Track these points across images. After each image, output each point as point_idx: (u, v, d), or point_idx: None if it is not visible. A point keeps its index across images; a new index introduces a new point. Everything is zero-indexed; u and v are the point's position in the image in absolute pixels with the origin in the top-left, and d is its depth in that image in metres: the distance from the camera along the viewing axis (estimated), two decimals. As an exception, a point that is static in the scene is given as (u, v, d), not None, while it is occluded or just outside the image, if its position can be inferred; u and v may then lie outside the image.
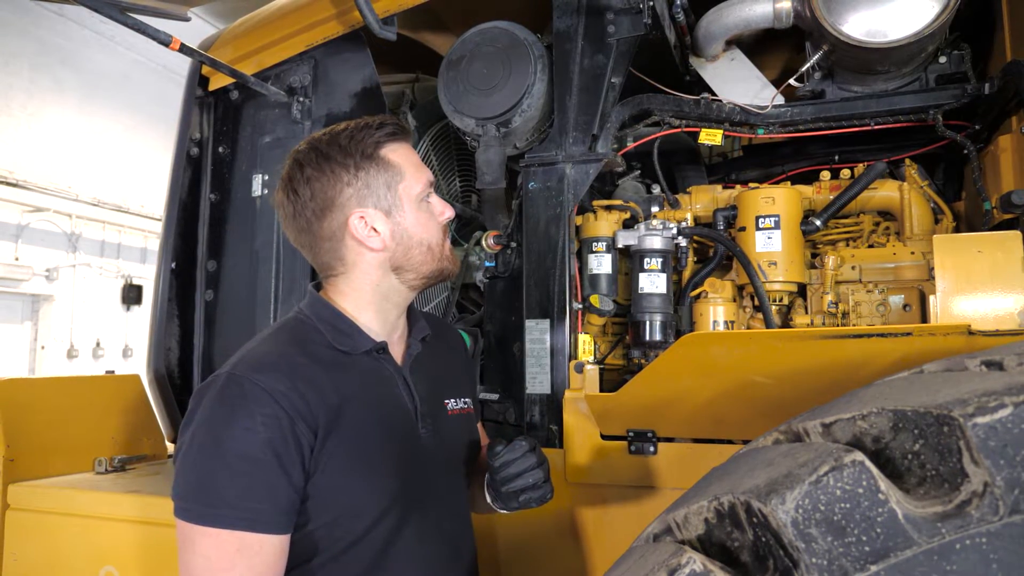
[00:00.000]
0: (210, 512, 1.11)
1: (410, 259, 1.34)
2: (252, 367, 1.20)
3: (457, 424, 1.47)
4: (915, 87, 2.07)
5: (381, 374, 1.35)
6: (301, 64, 2.29)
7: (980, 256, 1.61)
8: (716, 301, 2.02)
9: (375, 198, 1.30)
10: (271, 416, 1.15)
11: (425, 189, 1.36)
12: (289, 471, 1.15)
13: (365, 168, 1.30)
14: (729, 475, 1.06)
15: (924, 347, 1.32)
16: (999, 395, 0.85)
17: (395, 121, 1.36)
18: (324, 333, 1.30)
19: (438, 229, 1.38)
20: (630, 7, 1.92)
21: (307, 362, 1.25)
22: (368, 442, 1.26)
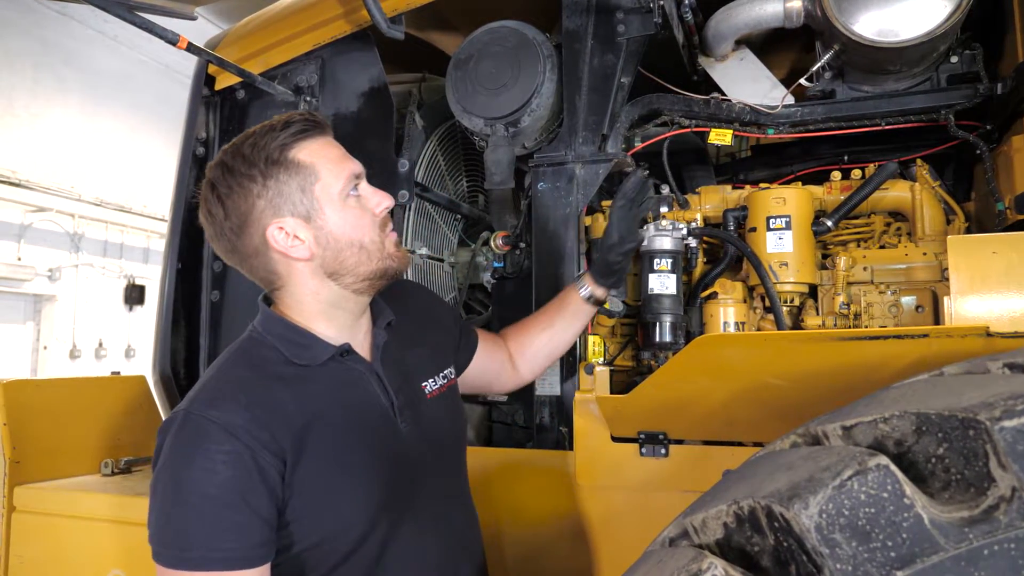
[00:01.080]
0: (183, 555, 1.10)
1: (344, 263, 1.26)
2: (206, 403, 1.16)
3: (439, 406, 1.43)
4: (926, 87, 2.05)
5: (350, 377, 1.30)
6: (308, 63, 2.28)
7: (995, 257, 1.59)
8: (727, 302, 2.01)
9: (291, 205, 1.22)
10: (230, 453, 1.11)
11: (348, 184, 1.25)
12: (256, 506, 1.12)
13: (273, 175, 1.21)
14: (748, 479, 1.05)
15: (941, 349, 1.31)
16: (1026, 398, 0.84)
17: (303, 117, 1.26)
18: (280, 349, 1.25)
19: (372, 225, 1.28)
20: (640, 6, 1.91)
21: (266, 385, 1.20)
22: (344, 454, 1.22)
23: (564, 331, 1.71)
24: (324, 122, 1.30)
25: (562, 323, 1.71)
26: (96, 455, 2.13)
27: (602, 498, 1.81)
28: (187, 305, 2.37)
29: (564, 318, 1.71)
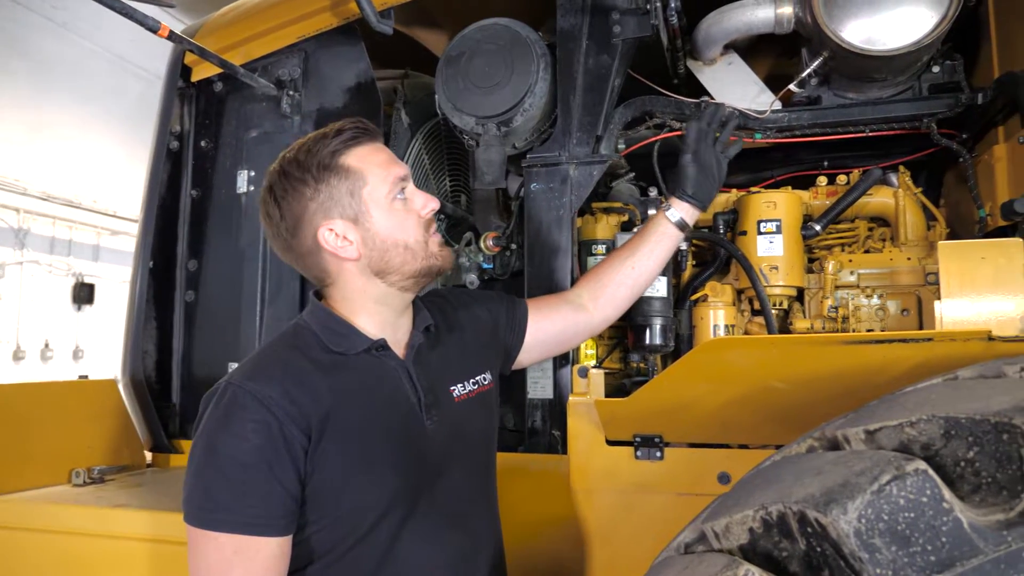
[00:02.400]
0: (208, 516, 1.16)
1: (389, 262, 1.33)
2: (246, 375, 1.24)
3: (467, 409, 1.45)
4: (908, 95, 2.09)
5: (383, 371, 1.35)
6: (291, 56, 2.22)
7: (984, 262, 1.63)
8: (717, 305, 2.02)
9: (340, 208, 1.30)
10: (261, 422, 1.18)
11: (394, 187, 1.33)
12: (281, 475, 1.18)
13: (324, 179, 1.30)
14: (773, 483, 1.05)
15: (943, 353, 1.32)
16: (1060, 402, 0.85)
17: (355, 125, 1.34)
18: (320, 336, 1.33)
19: (417, 226, 1.35)
20: (637, 7, 1.91)
21: (302, 366, 1.28)
22: (366, 439, 1.27)
23: (647, 258, 1.66)
24: (373, 129, 1.36)
25: (645, 249, 1.66)
26: (65, 464, 2.03)
27: (597, 502, 1.80)
28: (159, 305, 2.29)
29: (647, 244, 1.66)
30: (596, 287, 1.66)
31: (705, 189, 1.65)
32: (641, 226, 1.71)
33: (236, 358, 2.18)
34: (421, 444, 1.33)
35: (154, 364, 2.27)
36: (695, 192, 1.64)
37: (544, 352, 1.69)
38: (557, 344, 1.69)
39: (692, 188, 1.64)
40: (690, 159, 1.65)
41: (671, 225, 1.65)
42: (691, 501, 1.75)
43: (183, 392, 2.25)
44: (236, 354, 2.18)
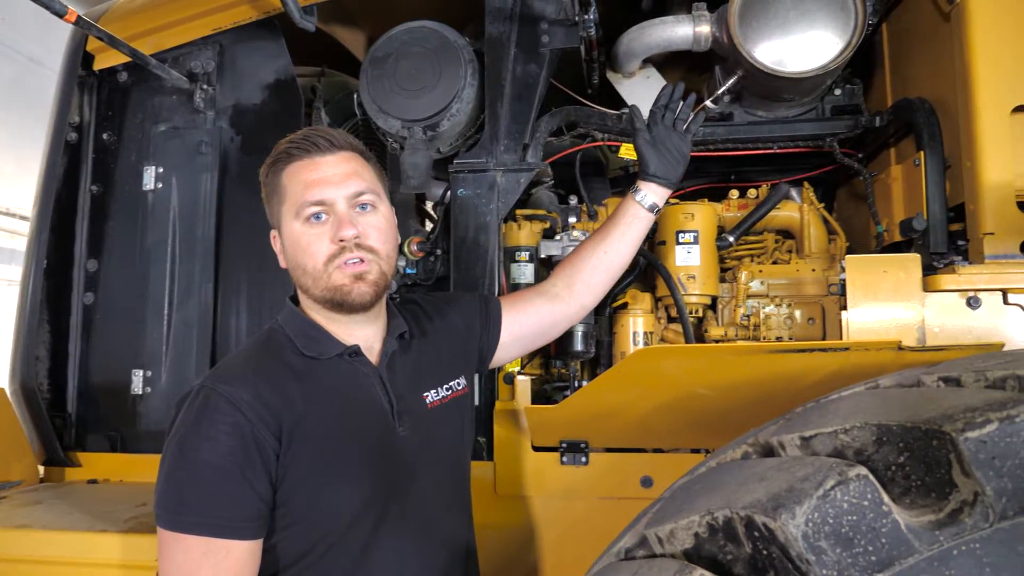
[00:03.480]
0: (178, 519, 1.15)
1: (298, 280, 1.34)
2: (219, 378, 1.24)
3: (440, 416, 1.44)
4: (813, 116, 2.22)
5: (355, 377, 1.35)
6: (205, 48, 2.11)
7: (885, 275, 1.75)
8: (636, 312, 2.07)
9: (274, 218, 1.36)
10: (233, 425, 1.18)
11: (304, 209, 1.29)
12: (253, 479, 1.18)
13: (268, 188, 1.36)
14: (717, 489, 1.08)
15: (858, 361, 1.41)
16: (982, 411, 0.92)
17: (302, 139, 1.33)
18: (294, 340, 1.33)
19: (324, 253, 1.29)
20: (565, 19, 1.93)
21: (275, 369, 1.28)
22: (338, 444, 1.27)
23: (619, 241, 1.65)
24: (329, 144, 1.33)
25: (617, 233, 1.65)
26: (-54, 480, 1.86)
27: (523, 507, 1.82)
28: (53, 308, 2.13)
29: (619, 228, 1.65)
30: (571, 275, 1.65)
31: (669, 167, 1.65)
32: (614, 210, 1.70)
33: (141, 364, 2.05)
34: (393, 451, 1.32)
35: (47, 371, 2.11)
36: (657, 171, 1.64)
37: (524, 347, 1.68)
38: (535, 337, 1.68)
39: (654, 167, 1.64)
40: (643, 140, 1.65)
41: (641, 207, 1.64)
42: (615, 505, 1.79)
43: (80, 401, 2.10)
44: (141, 360, 2.06)
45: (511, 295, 1.69)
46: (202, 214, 2.06)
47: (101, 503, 1.84)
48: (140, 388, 2.04)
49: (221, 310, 2.05)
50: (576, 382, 2.08)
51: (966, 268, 1.69)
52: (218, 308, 2.05)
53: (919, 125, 1.86)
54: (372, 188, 1.34)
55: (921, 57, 2.01)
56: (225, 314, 2.05)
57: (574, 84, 2.35)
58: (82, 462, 2.08)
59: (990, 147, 1.69)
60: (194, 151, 2.07)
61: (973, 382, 1.09)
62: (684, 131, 1.68)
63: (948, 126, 1.85)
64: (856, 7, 1.96)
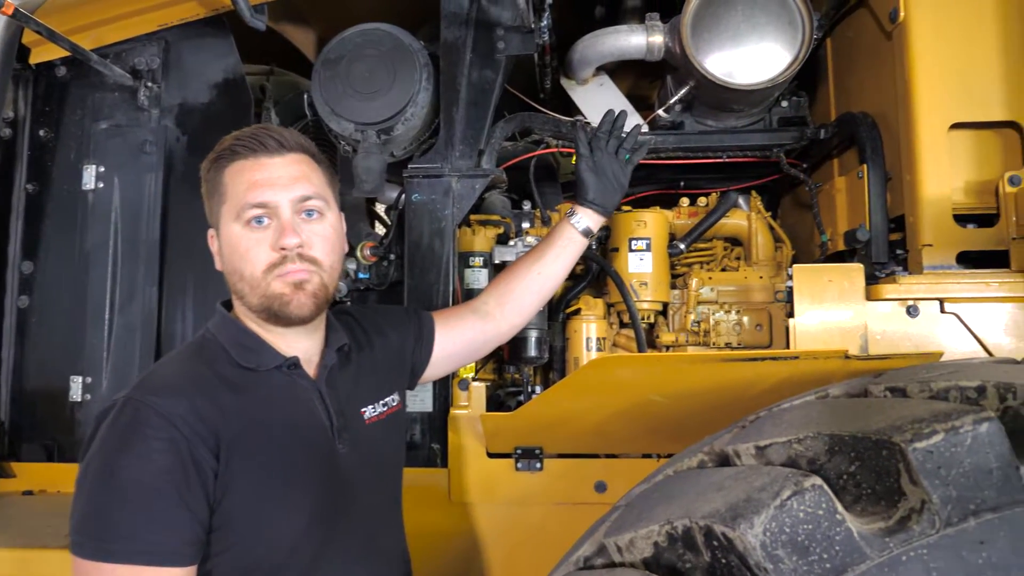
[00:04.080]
0: (104, 547, 1.05)
1: (234, 285, 1.26)
2: (150, 389, 1.14)
3: (378, 432, 1.39)
4: (761, 126, 2.28)
5: (295, 391, 1.28)
6: (149, 45, 2.05)
7: (831, 284, 1.80)
8: (589, 318, 2.09)
9: (213, 217, 1.29)
10: (168, 441, 1.09)
11: (244, 211, 1.22)
12: (189, 500, 1.09)
13: (208, 185, 1.29)
14: (676, 498, 1.10)
15: (806, 369, 1.45)
16: (928, 422, 0.96)
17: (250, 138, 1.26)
18: (229, 351, 1.25)
19: (262, 260, 1.22)
20: (521, 25, 1.93)
21: (211, 382, 1.20)
22: (279, 462, 1.20)
23: (553, 263, 1.64)
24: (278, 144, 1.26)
25: (551, 255, 1.64)
26: None
27: (477, 514, 1.82)
28: (-17, 311, 2.04)
29: (553, 250, 1.65)
30: (503, 294, 1.63)
31: (607, 195, 1.65)
32: (549, 232, 1.71)
33: (80, 370, 1.98)
34: (333, 468, 1.26)
35: (-25, 379, 2.02)
36: (595, 198, 1.64)
37: (452, 365, 1.66)
38: (466, 356, 1.66)
39: (593, 194, 1.64)
40: (585, 166, 1.66)
41: (576, 232, 1.64)
42: (569, 510, 1.81)
43: (14, 408, 2.01)
44: (80, 366, 1.98)
45: (443, 311, 1.66)
46: (146, 215, 1.99)
47: (38, 516, 1.77)
48: (79, 395, 1.97)
49: (166, 314, 1.99)
50: (529, 387, 2.09)
51: (906, 278, 1.76)
52: (163, 312, 1.99)
53: (862, 139, 1.92)
54: (320, 194, 1.27)
55: (864, 72, 2.08)
56: (170, 318, 1.99)
57: (527, 88, 2.35)
58: (16, 472, 1.99)
59: (929, 162, 1.76)
60: (138, 150, 2.00)
61: (918, 392, 1.13)
62: (626, 161, 1.69)
63: (889, 140, 1.92)
64: (803, 22, 2.02)
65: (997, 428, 0.93)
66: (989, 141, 1.80)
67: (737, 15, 2.04)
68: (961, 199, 1.78)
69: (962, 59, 1.77)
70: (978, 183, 1.79)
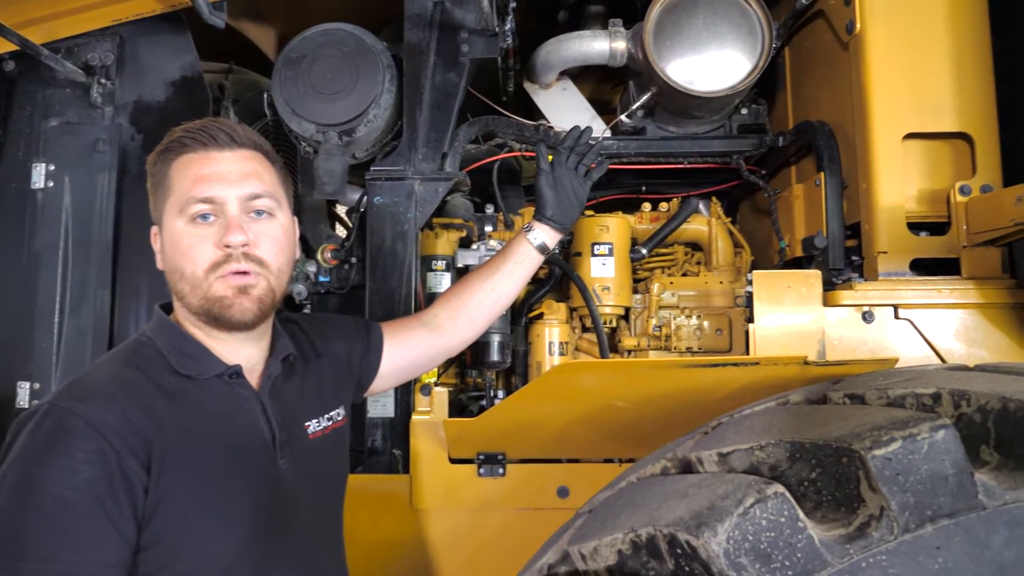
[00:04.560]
0: (16, 565, 0.96)
1: (175, 286, 1.20)
2: (77, 396, 1.07)
3: (321, 447, 1.33)
4: (721, 133, 2.30)
5: (236, 401, 1.21)
6: (103, 40, 1.99)
7: (789, 290, 1.83)
8: (552, 322, 2.09)
9: (156, 213, 1.23)
10: (95, 452, 1.02)
11: (195, 205, 1.16)
12: (115, 516, 1.02)
13: (154, 179, 1.22)
14: (640, 506, 1.10)
15: (766, 374, 1.47)
16: (887, 430, 0.98)
17: (199, 130, 1.20)
18: (167, 357, 1.18)
19: (205, 259, 1.16)
20: (486, 29, 1.93)
21: (145, 389, 1.12)
22: (217, 477, 1.13)
23: (507, 279, 1.63)
24: (229, 139, 1.21)
25: (505, 270, 1.63)
26: None
27: (439, 521, 1.80)
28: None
29: (507, 264, 1.64)
30: (455, 308, 1.61)
31: (566, 212, 1.65)
32: (504, 246, 1.70)
33: (28, 375, 1.91)
34: (274, 484, 1.20)
35: None
36: (554, 215, 1.64)
37: (400, 378, 1.62)
38: (414, 369, 1.64)
39: (551, 211, 1.64)
40: (546, 181, 1.65)
41: (532, 247, 1.64)
42: (532, 516, 1.80)
43: (-44, 416, 1.93)
44: (28, 371, 1.91)
45: (392, 323, 1.61)
46: (99, 215, 1.93)
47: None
48: (26, 401, 1.89)
49: (119, 318, 1.94)
50: (492, 392, 2.08)
51: (862, 284, 1.79)
52: (115, 315, 1.94)
53: (820, 147, 1.96)
54: (272, 193, 1.23)
55: (820, 81, 2.12)
56: (123, 322, 1.93)
57: (489, 91, 2.35)
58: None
59: (884, 171, 1.80)
60: (90, 148, 1.94)
61: (876, 399, 1.15)
62: (584, 176, 1.69)
63: (845, 149, 1.96)
64: (763, 31, 2.05)
65: (953, 435, 0.95)
66: (941, 151, 1.84)
67: (699, 23, 2.06)
68: (914, 208, 1.83)
69: (915, 71, 1.81)
70: (930, 192, 1.84)
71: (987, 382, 1.10)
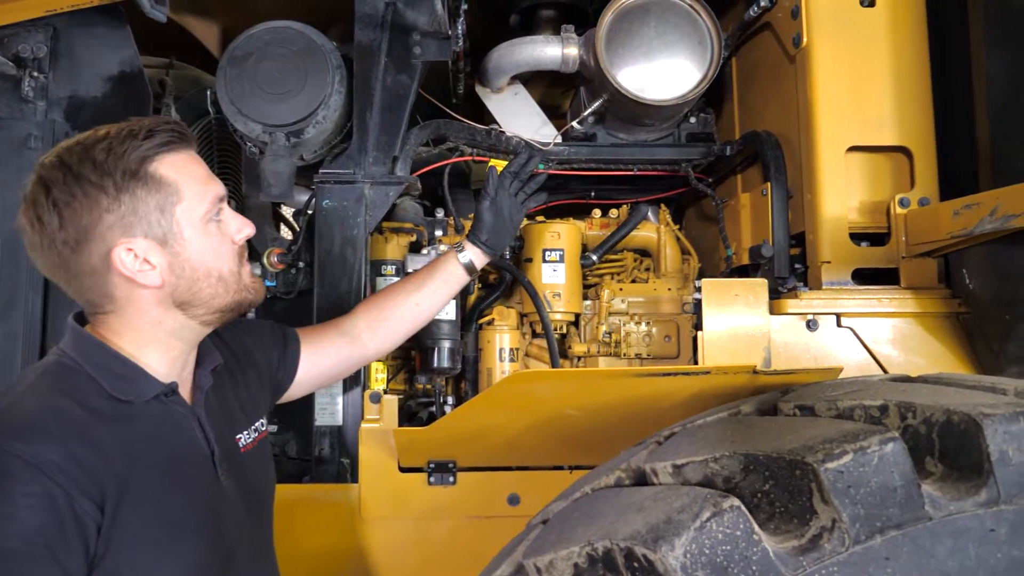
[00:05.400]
0: None
1: (197, 294, 1.15)
2: (13, 433, 0.98)
3: (253, 460, 1.31)
4: (669, 141, 2.33)
5: (173, 420, 1.16)
6: (35, 31, 1.89)
7: (737, 298, 1.86)
8: (502, 329, 2.08)
9: (145, 225, 1.09)
10: (41, 496, 0.95)
11: (212, 207, 1.15)
12: (66, 562, 0.95)
13: (129, 189, 1.08)
14: (596, 519, 1.10)
15: (717, 383, 1.49)
16: (838, 443, 1.00)
17: (171, 127, 1.13)
18: (99, 380, 1.09)
19: (232, 254, 1.19)
20: (438, 31, 1.90)
21: (82, 419, 1.04)
22: (168, 506, 1.09)
23: (431, 296, 1.62)
24: (190, 135, 1.17)
25: (431, 287, 1.62)
26: None
27: (388, 530, 1.77)
28: None
29: (434, 282, 1.62)
30: (376, 318, 1.59)
31: (500, 237, 1.67)
32: (431, 262, 1.70)
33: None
34: (219, 504, 1.17)
35: None
36: (489, 239, 1.65)
37: (314, 385, 1.60)
38: (329, 377, 1.61)
39: (487, 235, 1.65)
40: (488, 205, 1.65)
41: (460, 267, 1.64)
42: (482, 524, 1.79)
43: None
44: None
45: (309, 329, 1.58)
46: (29, 215, 1.84)
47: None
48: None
49: (51, 324, 1.85)
50: (441, 398, 2.06)
51: (806, 293, 1.83)
52: (48, 321, 1.85)
53: (767, 158, 1.99)
54: None
55: (767, 92, 2.16)
56: (56, 328, 1.84)
57: (439, 93, 2.32)
58: None
59: (828, 183, 1.85)
60: (21, 145, 1.85)
61: (826, 411, 1.18)
62: (522, 204, 1.70)
63: (790, 159, 2.00)
64: (712, 41, 2.08)
65: (901, 448, 0.98)
66: (882, 164, 1.90)
67: (650, 32, 2.08)
68: (856, 219, 1.88)
69: (858, 86, 1.86)
70: (871, 204, 1.89)
71: (931, 394, 1.13)
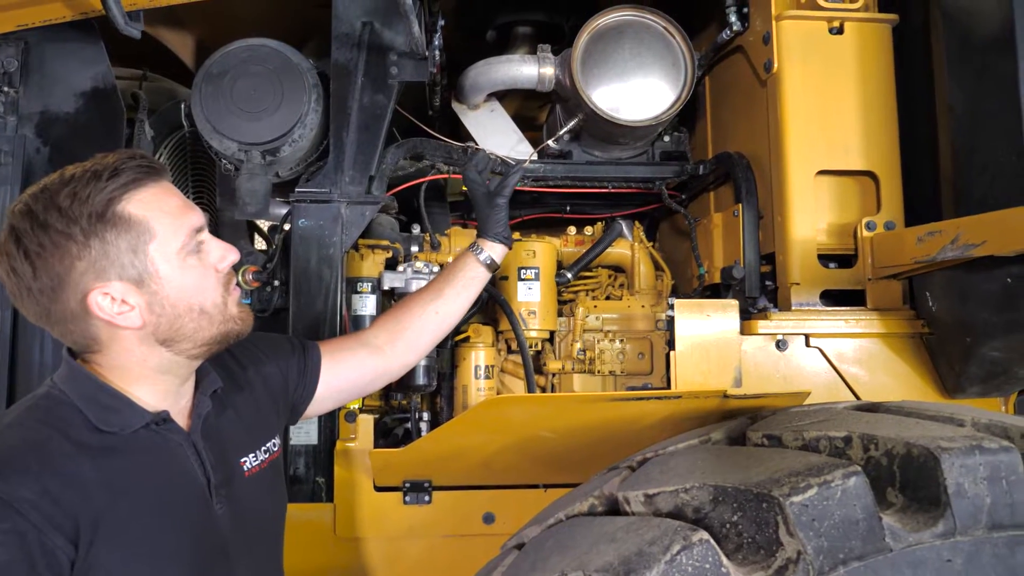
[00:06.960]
0: None
1: (180, 330, 1.12)
2: None
3: (258, 484, 1.28)
4: (644, 159, 2.36)
5: (167, 449, 1.14)
6: (6, 46, 1.87)
7: (709, 318, 1.89)
8: (478, 346, 2.09)
9: (118, 268, 1.07)
10: (12, 533, 0.94)
11: (189, 240, 1.12)
12: None
13: (97, 233, 1.05)
14: (570, 549, 1.12)
15: (688, 406, 1.52)
16: (804, 476, 1.03)
17: (136, 162, 1.10)
18: (84, 412, 1.09)
19: (216, 284, 1.15)
20: (415, 52, 1.91)
21: (64, 452, 1.04)
22: (150, 540, 1.07)
23: (453, 302, 1.59)
24: (159, 166, 1.14)
25: (451, 293, 1.59)
26: None
27: (363, 550, 1.78)
28: None
29: (454, 287, 1.59)
30: (395, 331, 1.55)
31: (506, 228, 1.65)
32: (447, 268, 1.66)
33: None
34: (210, 534, 1.15)
35: None
36: (502, 231, 1.63)
37: (338, 401, 1.55)
38: (353, 392, 1.57)
39: (500, 228, 1.62)
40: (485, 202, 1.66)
41: (481, 267, 1.60)
42: (457, 542, 1.81)
43: None
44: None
45: (330, 342, 1.55)
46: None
47: None
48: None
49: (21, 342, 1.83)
50: (417, 415, 2.07)
51: (776, 314, 1.87)
52: (17, 340, 1.83)
53: (739, 180, 2.03)
54: None
55: (738, 114, 2.20)
56: (27, 347, 1.82)
57: (415, 107, 2.33)
58: None
59: (798, 205, 1.88)
60: (-10, 160, 1.84)
61: (792, 441, 1.21)
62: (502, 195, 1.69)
63: (761, 180, 2.04)
64: (686, 63, 2.11)
65: (863, 481, 1.01)
66: (849, 188, 1.94)
67: (625, 52, 2.11)
68: (824, 240, 1.92)
69: (827, 112, 1.90)
70: (839, 226, 1.93)
71: (893, 425, 1.17)
